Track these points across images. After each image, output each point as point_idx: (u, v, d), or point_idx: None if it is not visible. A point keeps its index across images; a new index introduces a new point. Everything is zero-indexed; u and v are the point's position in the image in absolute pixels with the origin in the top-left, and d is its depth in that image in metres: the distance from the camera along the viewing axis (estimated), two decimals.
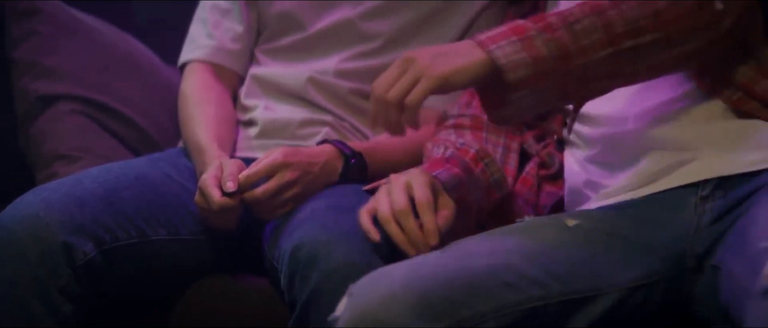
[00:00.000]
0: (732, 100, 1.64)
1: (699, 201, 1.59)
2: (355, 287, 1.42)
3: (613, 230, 1.59)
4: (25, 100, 2.03)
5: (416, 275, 1.43)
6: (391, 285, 1.40)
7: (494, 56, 1.50)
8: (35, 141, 2.02)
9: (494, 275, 1.46)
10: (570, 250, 1.54)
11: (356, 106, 2.01)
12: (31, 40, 2.03)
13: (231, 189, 1.71)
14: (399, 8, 2.02)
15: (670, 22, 1.57)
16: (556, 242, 1.55)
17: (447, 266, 1.46)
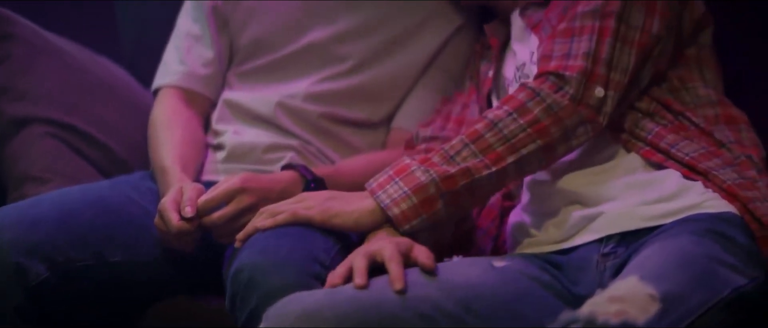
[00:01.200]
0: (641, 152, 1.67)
1: (600, 258, 1.63)
2: (271, 309, 1.44)
3: (537, 277, 1.62)
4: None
5: (331, 300, 1.45)
6: (305, 308, 1.42)
7: (380, 200, 1.61)
8: (7, 163, 2.04)
9: (410, 306, 1.49)
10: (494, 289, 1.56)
11: (325, 130, 2.03)
12: (4, 64, 2.06)
13: (189, 214, 1.73)
14: (370, 31, 2.04)
15: (548, 127, 1.64)
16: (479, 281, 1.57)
17: (363, 294, 1.48)
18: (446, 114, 1.98)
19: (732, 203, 1.60)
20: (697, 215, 1.59)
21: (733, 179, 1.62)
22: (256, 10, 2.07)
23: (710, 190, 1.62)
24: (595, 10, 1.70)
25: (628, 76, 1.68)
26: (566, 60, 1.68)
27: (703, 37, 1.80)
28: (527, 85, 1.67)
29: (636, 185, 1.67)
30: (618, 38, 1.68)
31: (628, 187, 1.67)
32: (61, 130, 2.06)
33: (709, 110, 1.75)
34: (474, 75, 2.01)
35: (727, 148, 1.69)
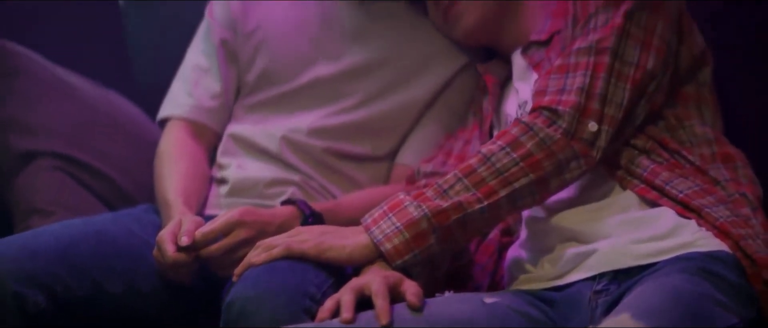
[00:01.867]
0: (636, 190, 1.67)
1: (593, 295, 1.63)
2: None
3: (527, 313, 1.63)
4: (6, 156, 2.09)
5: None
6: None
7: (373, 235, 1.63)
8: (14, 196, 2.07)
9: None
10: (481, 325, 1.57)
11: (328, 165, 2.04)
12: (13, 98, 2.10)
13: (185, 243, 1.75)
14: (376, 68, 2.06)
15: (541, 161, 1.65)
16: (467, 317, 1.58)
17: None
18: (448, 150, 2.00)
19: (724, 240, 1.60)
20: (690, 254, 1.59)
21: (726, 216, 1.63)
22: (265, 44, 2.10)
23: (704, 228, 1.62)
24: (590, 46, 1.71)
25: (623, 112, 1.69)
26: (560, 95, 1.69)
27: (702, 76, 1.81)
28: (521, 120, 1.69)
29: (630, 222, 1.67)
30: (612, 74, 1.69)
31: (622, 224, 1.67)
32: (66, 163, 2.09)
33: (706, 148, 1.75)
34: (477, 111, 2.02)
35: (721, 186, 1.69)
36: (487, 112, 1.97)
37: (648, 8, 1.74)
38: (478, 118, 2.01)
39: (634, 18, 1.73)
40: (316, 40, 2.08)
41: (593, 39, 1.72)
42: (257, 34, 2.11)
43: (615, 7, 1.74)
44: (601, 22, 1.74)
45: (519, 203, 1.67)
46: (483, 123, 1.97)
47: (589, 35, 1.73)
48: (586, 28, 1.75)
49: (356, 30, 2.08)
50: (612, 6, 1.74)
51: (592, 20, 1.75)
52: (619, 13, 1.73)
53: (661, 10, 1.75)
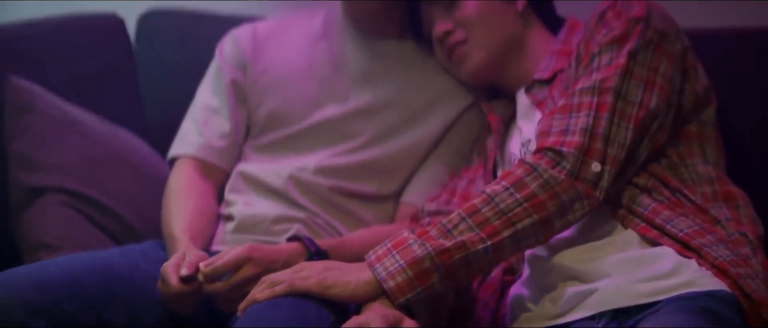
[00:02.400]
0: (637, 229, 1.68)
1: None
2: None
3: None
4: (17, 191, 2.11)
5: None
6: None
7: (376, 272, 1.64)
8: (23, 230, 2.09)
9: None
10: None
11: (334, 203, 2.06)
12: (25, 134, 2.13)
13: (185, 273, 1.77)
14: (383, 109, 2.08)
15: (545, 202, 1.66)
16: None
17: None
18: (452, 189, 2.01)
19: (724, 280, 1.60)
20: (690, 293, 1.60)
21: (725, 256, 1.63)
22: (274, 86, 2.12)
23: (704, 268, 1.63)
24: (593, 86, 1.73)
25: (626, 152, 1.70)
26: (564, 136, 1.70)
27: (706, 115, 1.82)
28: (525, 161, 1.70)
29: (631, 261, 1.68)
30: (615, 114, 1.71)
31: (623, 263, 1.68)
32: (75, 199, 2.11)
33: (707, 187, 1.76)
34: (482, 150, 2.04)
35: (721, 226, 1.70)
36: (490, 151, 1.98)
37: (652, 47, 1.76)
38: (482, 157, 2.02)
39: (637, 58, 1.75)
40: (324, 81, 2.11)
41: (596, 79, 1.73)
42: (266, 76, 2.13)
43: (618, 47, 1.76)
44: (604, 61, 1.76)
45: (522, 243, 1.68)
46: (487, 162, 1.99)
47: (592, 75, 1.75)
48: (589, 68, 1.77)
49: (363, 71, 2.10)
50: (616, 46, 1.76)
51: (595, 60, 1.77)
52: (622, 53, 1.75)
53: (665, 49, 1.77)
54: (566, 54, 1.89)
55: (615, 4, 1.80)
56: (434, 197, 2.01)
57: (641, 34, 1.76)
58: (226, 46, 2.18)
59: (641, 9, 1.78)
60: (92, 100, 2.33)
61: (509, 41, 1.98)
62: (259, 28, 2.19)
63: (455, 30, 1.98)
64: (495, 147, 1.97)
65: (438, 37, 2.01)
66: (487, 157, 1.99)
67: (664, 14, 1.81)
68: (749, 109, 1.98)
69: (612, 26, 1.78)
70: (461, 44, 1.98)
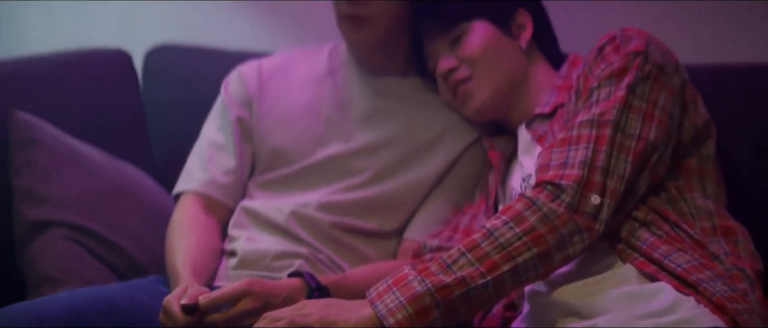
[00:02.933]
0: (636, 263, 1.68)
1: None
2: None
3: None
4: (21, 225, 2.12)
5: None
6: None
7: (377, 309, 1.64)
8: (27, 264, 2.10)
9: None
10: None
11: (336, 239, 2.06)
12: (29, 169, 2.14)
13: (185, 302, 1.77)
14: (387, 147, 2.09)
15: (544, 235, 1.66)
16: None
17: None
18: (455, 225, 2.01)
19: (721, 316, 1.60)
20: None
21: (723, 291, 1.62)
22: (279, 123, 2.13)
23: (701, 305, 1.62)
24: (592, 119, 1.73)
25: (625, 184, 1.70)
26: (563, 169, 1.70)
27: (706, 148, 1.82)
28: (525, 195, 1.70)
29: (629, 297, 1.67)
30: (614, 146, 1.71)
31: (621, 299, 1.67)
32: (78, 233, 2.11)
33: (706, 222, 1.75)
34: (484, 186, 2.04)
35: (719, 261, 1.69)
36: (492, 186, 1.98)
37: (650, 81, 1.76)
38: (485, 192, 2.02)
39: (636, 91, 1.75)
40: (328, 119, 2.11)
41: (595, 112, 1.74)
42: (271, 113, 2.14)
43: (617, 80, 1.76)
44: (603, 95, 1.76)
45: (523, 277, 1.68)
46: (489, 198, 1.99)
47: (591, 108, 1.75)
48: (588, 102, 1.77)
49: (368, 109, 2.11)
50: (614, 79, 1.76)
51: (594, 94, 1.77)
52: (621, 87, 1.75)
53: (664, 82, 1.77)
54: (567, 89, 1.90)
55: (614, 39, 1.81)
56: (436, 233, 2.01)
57: (640, 68, 1.76)
58: (232, 82, 2.19)
59: (640, 43, 1.78)
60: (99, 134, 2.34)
61: (513, 78, 1.98)
62: (264, 65, 2.20)
63: (460, 67, 1.99)
64: (496, 183, 1.97)
65: (442, 74, 2.01)
66: (489, 193, 1.99)
67: (662, 48, 1.81)
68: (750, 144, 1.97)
69: (611, 60, 1.79)
70: (466, 81, 1.99)
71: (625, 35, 1.81)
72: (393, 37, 2.07)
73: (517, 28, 2.01)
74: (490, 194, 1.98)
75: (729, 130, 1.91)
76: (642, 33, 1.81)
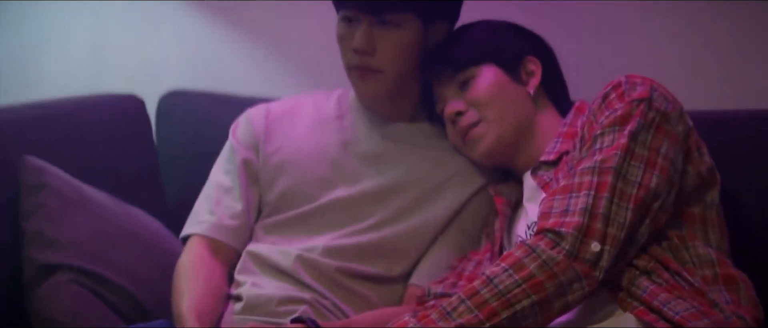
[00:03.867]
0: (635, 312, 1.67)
1: None
2: None
3: None
4: (30, 268, 2.15)
5: None
6: None
7: None
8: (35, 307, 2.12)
9: None
10: None
11: (341, 284, 2.05)
12: (38, 213, 2.16)
13: None
14: (394, 192, 2.09)
15: (543, 283, 1.66)
16: None
17: None
18: (459, 271, 2.01)
19: None
20: None
21: None
22: (286, 167, 2.14)
23: None
24: (593, 166, 1.73)
25: (625, 232, 1.69)
26: (563, 217, 1.70)
27: (710, 196, 1.81)
28: (525, 243, 1.70)
29: None
30: (615, 194, 1.71)
31: None
32: (86, 277, 2.13)
33: (708, 270, 1.74)
34: (490, 233, 2.04)
35: (719, 309, 1.68)
36: (498, 233, 1.98)
37: (654, 128, 1.76)
38: (490, 239, 2.02)
39: (638, 138, 1.75)
40: (335, 163, 2.12)
41: (597, 159, 1.74)
42: (278, 156, 2.15)
43: (620, 128, 1.76)
44: (606, 142, 1.76)
45: (522, 325, 1.67)
46: (494, 245, 1.99)
47: (594, 156, 1.75)
48: (592, 149, 1.77)
49: (375, 154, 2.11)
50: (617, 127, 1.76)
51: (597, 141, 1.77)
52: (623, 134, 1.75)
53: (667, 129, 1.77)
54: (572, 136, 1.90)
55: (618, 86, 1.81)
56: (441, 280, 2.00)
57: (643, 115, 1.76)
58: (240, 126, 2.21)
59: (644, 90, 1.79)
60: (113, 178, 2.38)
61: (521, 123, 1.99)
62: (272, 108, 2.21)
63: (468, 111, 2.00)
64: (502, 230, 1.97)
65: (450, 118, 2.02)
66: (495, 239, 1.99)
67: (667, 95, 1.81)
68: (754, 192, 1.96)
69: (614, 107, 1.79)
70: (473, 125, 1.99)
71: (630, 82, 1.81)
72: (402, 86, 2.08)
73: (526, 74, 2.02)
74: (496, 241, 1.98)
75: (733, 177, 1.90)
76: (647, 80, 1.81)
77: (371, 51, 2.03)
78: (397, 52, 2.04)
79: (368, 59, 2.03)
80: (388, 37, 2.03)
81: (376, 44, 2.03)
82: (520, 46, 2.03)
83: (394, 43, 2.03)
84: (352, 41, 2.04)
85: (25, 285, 2.15)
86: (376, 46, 2.03)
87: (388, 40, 2.03)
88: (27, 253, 2.15)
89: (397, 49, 2.04)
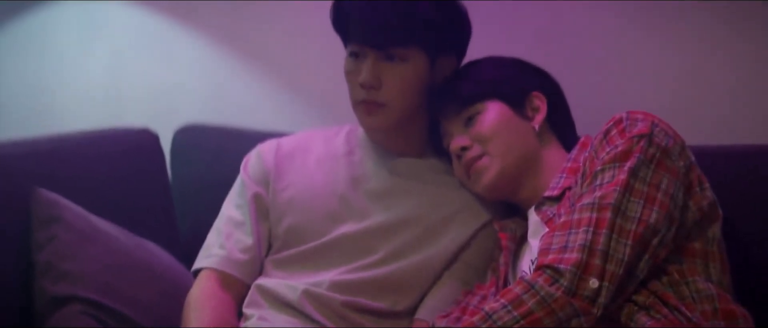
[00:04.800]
0: None
1: None
2: None
3: None
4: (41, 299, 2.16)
5: None
6: None
7: None
8: None
9: None
10: None
11: (347, 318, 2.06)
12: (51, 245, 2.18)
13: None
14: (401, 227, 2.10)
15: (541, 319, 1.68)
16: None
17: None
18: (464, 306, 2.02)
19: None
20: None
21: None
22: (296, 202, 2.16)
23: None
24: (593, 203, 1.74)
25: (624, 267, 1.70)
26: (562, 253, 1.71)
27: (711, 231, 1.81)
28: (524, 279, 1.71)
29: None
30: (614, 230, 1.72)
31: None
32: (97, 309, 2.14)
33: (708, 305, 1.74)
34: (495, 268, 2.05)
35: None
36: (502, 268, 1.99)
37: (654, 164, 1.77)
38: (495, 274, 2.03)
39: (638, 174, 1.76)
40: (344, 198, 2.13)
41: (597, 195, 1.75)
42: (289, 191, 2.17)
43: (620, 164, 1.77)
44: (606, 179, 1.77)
45: None
46: (499, 279, 1.99)
47: (594, 192, 1.76)
48: (592, 186, 1.78)
49: (383, 190, 2.13)
50: (617, 163, 1.77)
51: (598, 177, 1.79)
52: (623, 170, 1.76)
53: (667, 165, 1.78)
54: (575, 171, 1.91)
55: (620, 122, 1.82)
56: (446, 314, 2.01)
57: (643, 151, 1.77)
58: (251, 160, 2.23)
59: (645, 126, 1.80)
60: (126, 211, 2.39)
61: (525, 158, 2.00)
62: (283, 143, 2.23)
63: (472, 145, 2.01)
64: (507, 264, 1.98)
65: (455, 152, 2.04)
66: (500, 274, 2.00)
67: (668, 130, 1.82)
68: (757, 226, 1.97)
69: (615, 143, 1.80)
70: (478, 159, 2.00)
71: (631, 118, 1.82)
72: (408, 120, 2.10)
73: (532, 110, 2.03)
74: (501, 276, 1.98)
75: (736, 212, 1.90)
76: (648, 116, 1.82)
77: (377, 85, 2.05)
78: (403, 86, 2.06)
79: (374, 93, 2.05)
80: (394, 72, 2.06)
81: (383, 78, 2.05)
82: (526, 82, 2.05)
83: (400, 78, 2.05)
84: (359, 76, 2.06)
85: (36, 316, 2.16)
86: (382, 81, 2.05)
87: (394, 74, 2.06)
88: (39, 284, 2.17)
89: (403, 83, 2.06)
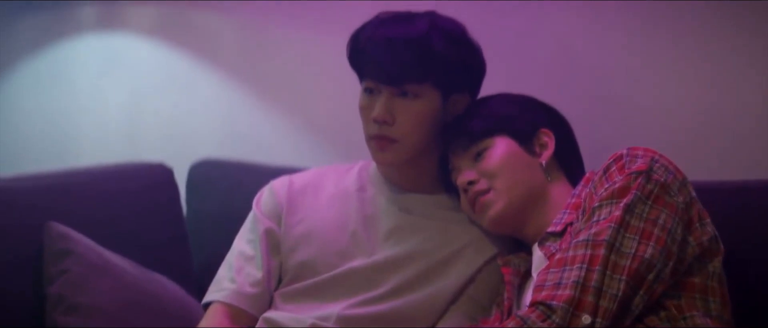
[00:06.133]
0: None
1: None
2: None
3: None
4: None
5: None
6: None
7: None
8: None
9: None
10: None
11: None
12: (62, 278, 2.21)
13: None
14: (408, 262, 2.11)
15: None
16: None
17: None
18: None
19: None
20: None
21: None
22: (307, 238, 2.17)
23: None
24: (587, 240, 1.75)
25: (618, 303, 1.70)
26: (556, 290, 1.71)
27: (712, 266, 1.81)
28: (517, 315, 1.72)
29: None
30: (608, 266, 1.72)
31: None
32: None
33: None
34: (500, 302, 2.05)
35: None
36: (506, 302, 1.99)
37: (652, 200, 1.77)
38: (500, 308, 2.03)
39: (634, 211, 1.76)
40: (355, 234, 2.14)
41: (592, 232, 1.75)
42: (301, 227, 2.18)
43: (617, 200, 1.77)
44: (603, 215, 1.77)
45: None
46: (503, 314, 1.99)
47: (590, 229, 1.77)
48: (589, 222, 1.79)
49: (394, 226, 2.14)
50: (615, 200, 1.78)
51: (595, 214, 1.79)
52: (619, 207, 1.76)
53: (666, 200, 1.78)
54: (577, 207, 1.91)
55: (620, 158, 1.83)
56: None
57: (640, 188, 1.77)
58: (263, 196, 2.24)
59: (644, 163, 1.80)
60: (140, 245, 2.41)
61: (531, 193, 2.00)
62: (295, 180, 2.25)
63: (479, 180, 2.02)
64: (511, 299, 1.98)
65: (462, 186, 2.05)
66: (504, 309, 2.00)
67: (669, 166, 1.82)
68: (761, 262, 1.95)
69: (614, 180, 1.81)
70: (484, 193, 2.01)
71: (631, 154, 1.82)
72: (420, 156, 2.11)
73: (540, 146, 2.04)
74: (505, 310, 1.98)
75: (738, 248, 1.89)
76: (648, 151, 1.83)
77: (391, 121, 2.06)
78: (416, 122, 2.07)
79: (387, 129, 2.07)
80: (407, 108, 2.07)
81: (396, 114, 2.07)
82: (534, 118, 2.06)
83: (413, 114, 2.07)
84: (372, 112, 2.07)
85: None
86: (395, 117, 2.07)
87: (408, 110, 2.07)
88: (50, 317, 2.19)
89: (415, 119, 2.07)
